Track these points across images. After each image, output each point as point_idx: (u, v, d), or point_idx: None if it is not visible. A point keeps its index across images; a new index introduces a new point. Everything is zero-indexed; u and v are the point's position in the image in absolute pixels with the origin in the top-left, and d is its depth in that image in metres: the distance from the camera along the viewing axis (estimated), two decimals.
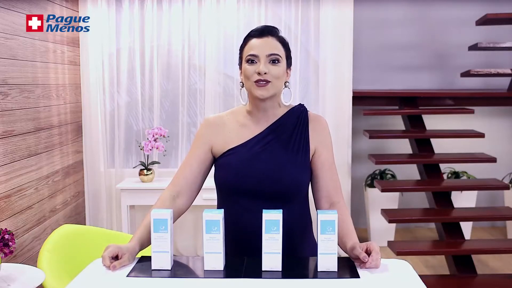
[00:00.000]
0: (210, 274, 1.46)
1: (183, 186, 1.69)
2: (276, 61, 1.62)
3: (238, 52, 1.71)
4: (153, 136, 3.76)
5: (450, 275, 3.62)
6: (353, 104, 4.15)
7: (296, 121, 1.70)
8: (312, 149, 1.69)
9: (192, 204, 1.75)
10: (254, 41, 1.63)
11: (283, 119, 1.70)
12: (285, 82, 1.68)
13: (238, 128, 1.70)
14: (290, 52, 1.69)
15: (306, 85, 4.18)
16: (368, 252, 1.49)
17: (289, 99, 1.71)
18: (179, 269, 1.52)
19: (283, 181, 1.62)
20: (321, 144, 1.69)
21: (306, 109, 1.74)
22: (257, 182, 1.62)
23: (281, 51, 1.63)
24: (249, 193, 1.63)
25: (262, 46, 1.61)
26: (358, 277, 1.44)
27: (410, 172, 4.58)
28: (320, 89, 4.12)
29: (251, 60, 1.62)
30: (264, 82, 1.60)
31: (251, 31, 1.67)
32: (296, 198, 1.67)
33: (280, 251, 1.46)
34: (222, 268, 1.48)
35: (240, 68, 1.68)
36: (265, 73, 1.59)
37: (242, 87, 1.70)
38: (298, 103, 1.76)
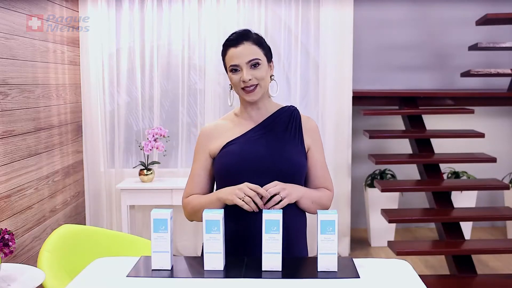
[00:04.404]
0: (210, 274, 1.46)
1: (198, 193, 1.76)
2: (257, 65, 1.67)
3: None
4: (153, 136, 3.76)
5: (450, 275, 3.62)
6: (353, 104, 4.15)
7: (289, 118, 1.77)
8: (307, 146, 1.76)
9: None
10: (232, 51, 1.68)
11: (275, 115, 1.77)
12: (270, 76, 1.74)
13: (234, 127, 1.76)
14: (268, 48, 1.74)
15: (306, 85, 4.18)
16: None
17: (276, 91, 1.78)
18: (179, 269, 1.52)
19: (282, 160, 1.68)
20: (314, 145, 1.77)
21: (298, 110, 1.82)
22: (259, 161, 1.66)
23: (259, 54, 1.68)
24: (251, 173, 1.65)
25: (240, 55, 1.67)
26: (358, 277, 1.45)
27: (410, 172, 4.58)
28: (320, 89, 4.12)
29: (234, 69, 1.68)
30: (252, 87, 1.67)
31: (226, 40, 1.72)
32: (295, 181, 1.68)
33: (280, 251, 1.47)
34: (222, 268, 1.49)
35: (227, 72, 1.74)
36: (249, 79, 1.65)
37: (231, 89, 1.76)
38: (290, 104, 1.84)
